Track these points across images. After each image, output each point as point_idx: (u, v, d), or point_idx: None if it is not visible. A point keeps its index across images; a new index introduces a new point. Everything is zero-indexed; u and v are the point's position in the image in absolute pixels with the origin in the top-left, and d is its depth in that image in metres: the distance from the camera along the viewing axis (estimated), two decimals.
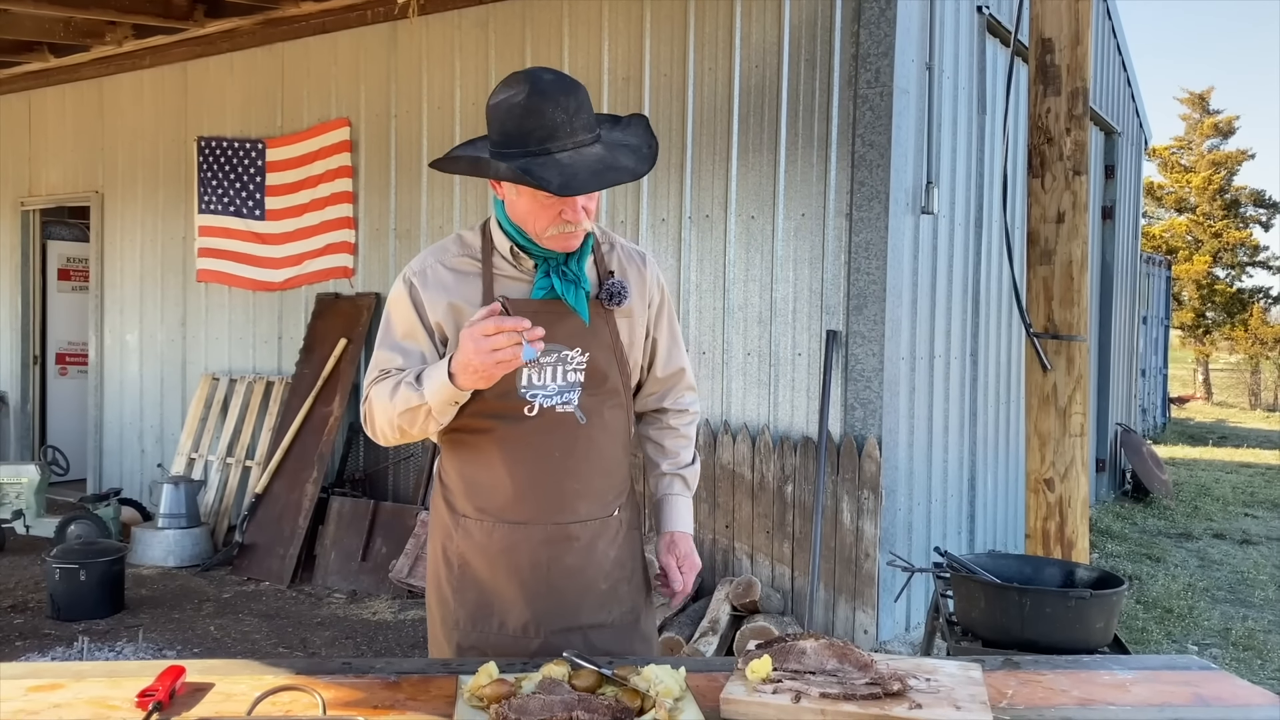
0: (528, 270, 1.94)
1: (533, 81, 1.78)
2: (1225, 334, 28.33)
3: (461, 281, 1.95)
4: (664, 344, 2.13)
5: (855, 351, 4.88)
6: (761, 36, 5.15)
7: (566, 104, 1.78)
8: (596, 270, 2.00)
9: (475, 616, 1.96)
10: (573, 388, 1.93)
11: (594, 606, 1.98)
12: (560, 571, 1.95)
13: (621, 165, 1.81)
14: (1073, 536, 3.49)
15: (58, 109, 8.25)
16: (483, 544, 1.96)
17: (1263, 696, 1.69)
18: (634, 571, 2.08)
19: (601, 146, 1.82)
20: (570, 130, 1.78)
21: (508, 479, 1.94)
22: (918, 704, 1.51)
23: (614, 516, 2.03)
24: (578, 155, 1.78)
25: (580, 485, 1.96)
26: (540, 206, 1.83)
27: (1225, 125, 28.80)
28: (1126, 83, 9.84)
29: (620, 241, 2.08)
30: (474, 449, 1.96)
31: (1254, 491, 10.73)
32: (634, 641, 2.02)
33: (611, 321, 1.98)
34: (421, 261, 1.98)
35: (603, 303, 1.96)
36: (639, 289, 2.03)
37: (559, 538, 1.95)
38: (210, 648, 4.93)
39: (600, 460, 1.98)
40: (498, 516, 1.95)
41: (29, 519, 6.79)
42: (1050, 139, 3.48)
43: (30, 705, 1.55)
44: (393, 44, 6.49)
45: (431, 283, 1.94)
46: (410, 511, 5.98)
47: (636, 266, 2.05)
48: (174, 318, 7.57)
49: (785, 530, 5.01)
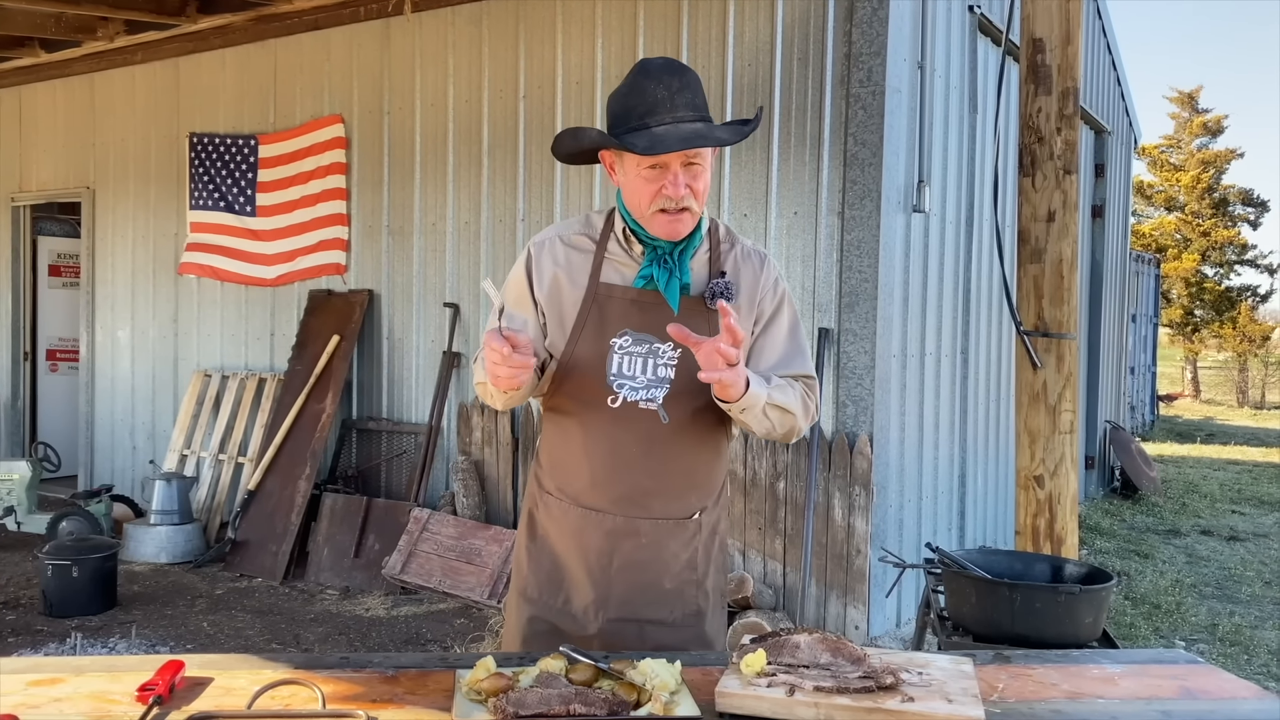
0: (637, 256, 1.95)
1: (641, 65, 1.87)
2: (1213, 332, 28.44)
3: (574, 258, 1.98)
4: (781, 347, 2.00)
5: (847, 349, 4.91)
6: (755, 35, 5.16)
7: (670, 82, 1.83)
8: (710, 268, 1.97)
9: (544, 587, 2.01)
10: (661, 383, 1.92)
11: (654, 603, 1.97)
12: (623, 563, 1.96)
13: (714, 136, 1.83)
14: (1062, 533, 3.52)
15: (49, 104, 8.21)
16: (559, 521, 2.01)
17: (1249, 689, 1.71)
18: (706, 576, 2.03)
19: (703, 125, 1.84)
20: (671, 106, 1.82)
21: (585, 465, 1.96)
22: (910, 697, 1.52)
23: (692, 519, 2.00)
24: (674, 129, 1.81)
25: (654, 483, 1.95)
26: (643, 181, 1.85)
27: (1214, 124, 28.90)
28: (1116, 82, 9.89)
29: (744, 242, 2.03)
30: (561, 430, 2.00)
31: (1241, 488, 10.79)
32: (693, 644, 2.00)
33: (713, 321, 1.90)
34: (545, 234, 2.03)
35: (705, 300, 1.93)
36: (750, 290, 1.98)
37: (626, 531, 1.96)
38: (203, 644, 4.93)
39: (681, 462, 1.96)
40: (573, 499, 1.99)
41: (20, 515, 6.77)
42: (1041, 138, 3.50)
43: (31, 699, 1.55)
44: (386, 41, 6.49)
45: (546, 256, 1.99)
46: (403, 508, 5.99)
47: (753, 267, 2.00)
48: (166, 314, 7.55)
49: (777, 526, 5.04)
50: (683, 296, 1.92)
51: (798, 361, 2.01)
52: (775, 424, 1.92)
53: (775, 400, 1.88)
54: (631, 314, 1.93)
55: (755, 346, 2.00)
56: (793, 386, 1.96)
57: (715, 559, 2.06)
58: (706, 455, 2.01)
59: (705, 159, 1.86)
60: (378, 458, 6.49)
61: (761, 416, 1.87)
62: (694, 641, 2.01)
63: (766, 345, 2.00)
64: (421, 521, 5.76)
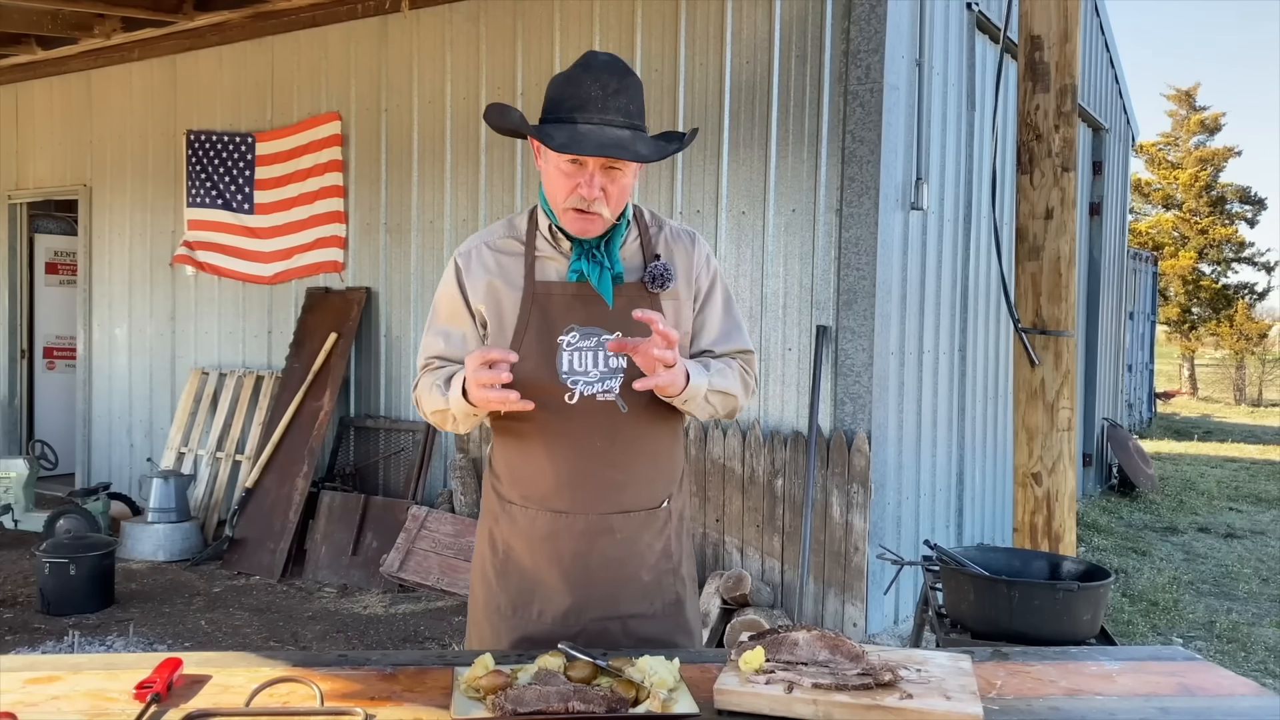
0: (565, 252, 1.94)
1: (588, 56, 1.85)
2: (1211, 329, 28.48)
3: (504, 263, 1.96)
4: (718, 323, 2.04)
5: (845, 346, 4.91)
6: (752, 32, 5.16)
7: (608, 82, 1.80)
8: (643, 253, 1.98)
9: (516, 603, 1.97)
10: (615, 373, 1.91)
11: (635, 597, 1.97)
12: (601, 562, 1.94)
13: (633, 149, 1.79)
14: (1060, 530, 3.53)
15: (45, 102, 8.20)
16: (526, 531, 1.97)
17: (1246, 686, 1.71)
18: (681, 563, 2.05)
19: (631, 134, 1.81)
20: (602, 107, 1.79)
21: (549, 467, 1.93)
22: (909, 694, 1.53)
23: (662, 508, 2.00)
24: (599, 131, 1.79)
25: (623, 476, 1.94)
26: (560, 175, 1.83)
27: (1211, 122, 28.92)
28: (1114, 79, 9.89)
29: (670, 223, 2.04)
30: (518, 436, 1.97)
31: (1238, 486, 10.81)
32: (675, 632, 2.00)
33: (657, 305, 1.93)
34: (469, 243, 2.01)
35: (646, 285, 1.94)
36: (685, 270, 1.99)
37: (600, 529, 1.94)
38: (201, 642, 4.93)
39: (645, 450, 1.95)
40: (541, 505, 1.95)
41: (18, 513, 6.76)
42: (1039, 136, 3.50)
43: (28, 697, 1.55)
44: (383, 38, 6.48)
45: (475, 264, 1.96)
46: (401, 506, 5.99)
47: (684, 246, 2.01)
48: (163, 311, 7.55)
49: (775, 524, 5.04)
50: (624, 284, 1.92)
51: (735, 336, 2.06)
52: (717, 407, 1.97)
53: (716, 386, 1.94)
54: (574, 309, 1.91)
55: (695, 325, 2.03)
56: (730, 367, 2.01)
57: (685, 545, 2.08)
58: (667, 440, 2.01)
59: (627, 165, 1.85)
60: (375, 456, 6.49)
61: (704, 403, 1.93)
62: (677, 631, 2.01)
63: (706, 323, 2.04)
64: (419, 519, 5.76)
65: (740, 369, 2.03)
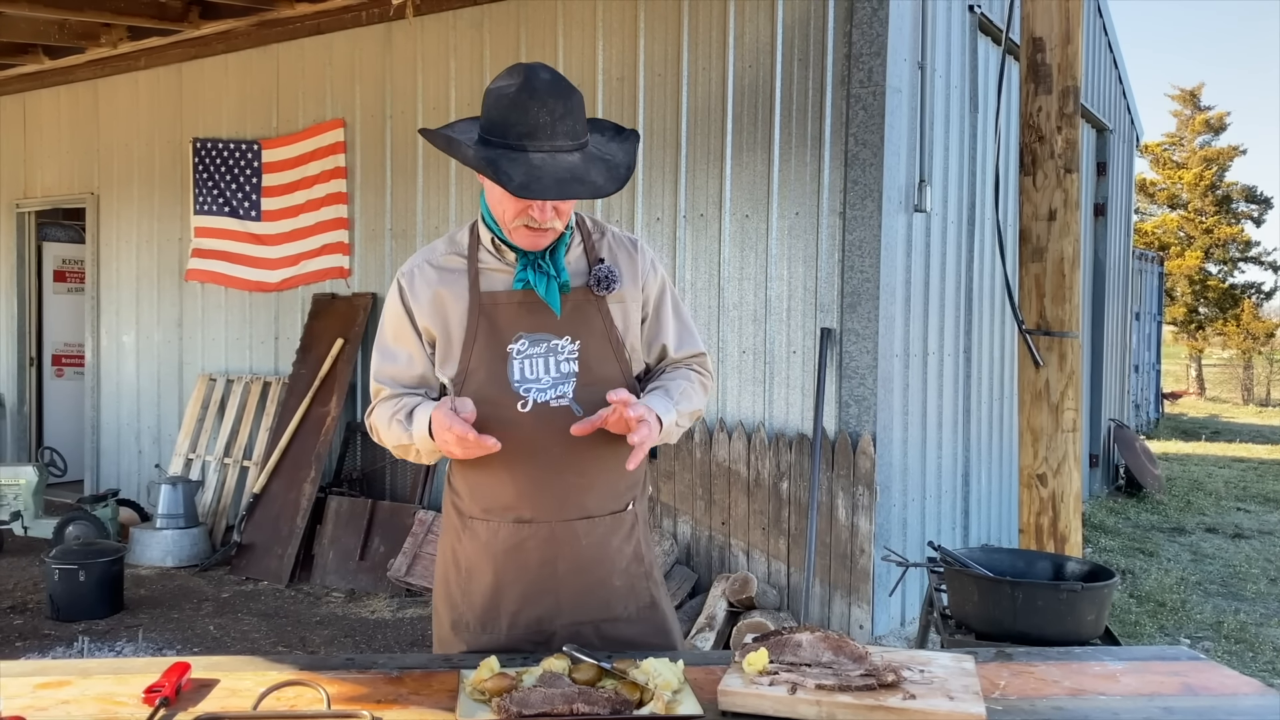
0: (510, 263, 1.94)
1: (528, 76, 1.77)
2: (1218, 329, 28.39)
3: (448, 278, 1.95)
4: (671, 328, 2.07)
5: (849, 349, 4.91)
6: (755, 36, 5.17)
7: (555, 107, 1.76)
8: (587, 259, 1.99)
9: (484, 620, 1.97)
10: (567, 379, 1.91)
11: (606, 602, 1.97)
12: (568, 568, 1.94)
13: (590, 180, 1.77)
14: (1066, 531, 3.53)
15: (53, 111, 8.24)
16: (489, 544, 1.96)
17: (1250, 685, 1.72)
18: (653, 566, 2.06)
19: (580, 156, 1.79)
20: (551, 134, 1.76)
21: (508, 478, 1.92)
22: (912, 694, 1.53)
23: (628, 510, 2.01)
24: (551, 160, 1.76)
25: (584, 480, 1.93)
26: (509, 197, 1.81)
27: (1216, 121, 28.86)
28: (1118, 80, 9.88)
29: (611, 229, 2.05)
30: None
31: (1246, 486, 10.78)
32: (651, 635, 2.00)
33: (604, 308, 1.95)
34: (411, 263, 2.00)
35: (592, 289, 1.94)
36: (630, 274, 2.00)
37: (566, 536, 1.93)
38: (210, 647, 4.94)
39: (605, 453, 1.92)
40: (503, 516, 1.94)
41: (27, 520, 6.79)
42: (1042, 137, 3.51)
43: (38, 702, 1.57)
44: (388, 45, 6.51)
45: (419, 283, 1.96)
46: (408, 510, 6.00)
47: (627, 251, 2.02)
48: (170, 318, 7.58)
49: (781, 527, 5.04)
50: (570, 291, 1.93)
51: (688, 340, 2.09)
52: (686, 425, 2.02)
53: (683, 410, 1.98)
54: (521, 317, 1.92)
55: (649, 333, 2.05)
56: (689, 380, 2.04)
57: (651, 546, 2.09)
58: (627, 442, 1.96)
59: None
60: (382, 460, 6.51)
61: (675, 429, 1.96)
62: (654, 633, 2.01)
63: (660, 330, 2.06)
64: (426, 524, 5.77)
65: (698, 377, 2.07)
